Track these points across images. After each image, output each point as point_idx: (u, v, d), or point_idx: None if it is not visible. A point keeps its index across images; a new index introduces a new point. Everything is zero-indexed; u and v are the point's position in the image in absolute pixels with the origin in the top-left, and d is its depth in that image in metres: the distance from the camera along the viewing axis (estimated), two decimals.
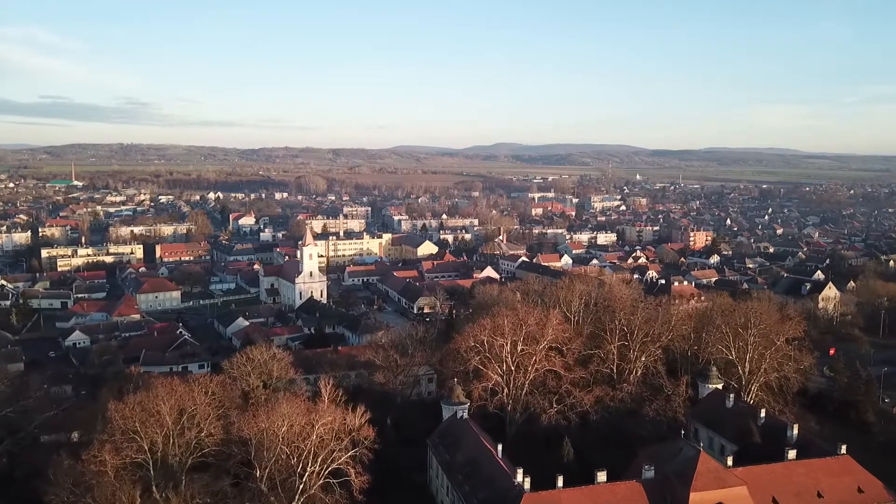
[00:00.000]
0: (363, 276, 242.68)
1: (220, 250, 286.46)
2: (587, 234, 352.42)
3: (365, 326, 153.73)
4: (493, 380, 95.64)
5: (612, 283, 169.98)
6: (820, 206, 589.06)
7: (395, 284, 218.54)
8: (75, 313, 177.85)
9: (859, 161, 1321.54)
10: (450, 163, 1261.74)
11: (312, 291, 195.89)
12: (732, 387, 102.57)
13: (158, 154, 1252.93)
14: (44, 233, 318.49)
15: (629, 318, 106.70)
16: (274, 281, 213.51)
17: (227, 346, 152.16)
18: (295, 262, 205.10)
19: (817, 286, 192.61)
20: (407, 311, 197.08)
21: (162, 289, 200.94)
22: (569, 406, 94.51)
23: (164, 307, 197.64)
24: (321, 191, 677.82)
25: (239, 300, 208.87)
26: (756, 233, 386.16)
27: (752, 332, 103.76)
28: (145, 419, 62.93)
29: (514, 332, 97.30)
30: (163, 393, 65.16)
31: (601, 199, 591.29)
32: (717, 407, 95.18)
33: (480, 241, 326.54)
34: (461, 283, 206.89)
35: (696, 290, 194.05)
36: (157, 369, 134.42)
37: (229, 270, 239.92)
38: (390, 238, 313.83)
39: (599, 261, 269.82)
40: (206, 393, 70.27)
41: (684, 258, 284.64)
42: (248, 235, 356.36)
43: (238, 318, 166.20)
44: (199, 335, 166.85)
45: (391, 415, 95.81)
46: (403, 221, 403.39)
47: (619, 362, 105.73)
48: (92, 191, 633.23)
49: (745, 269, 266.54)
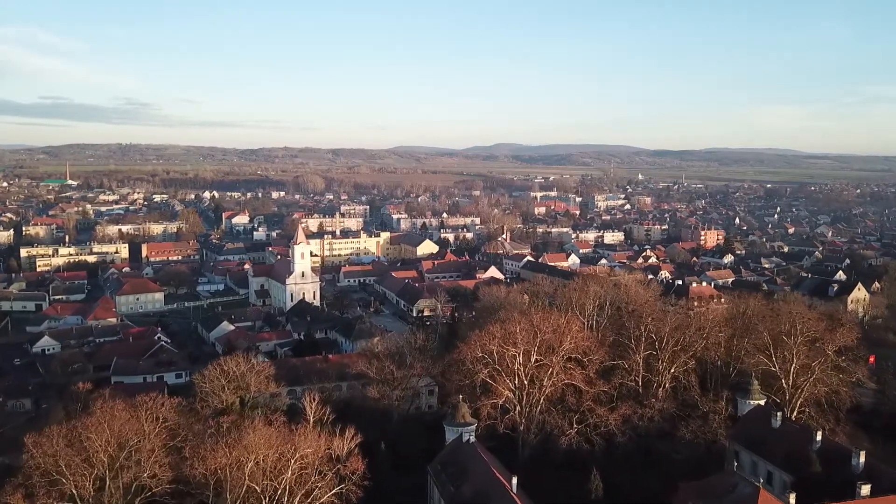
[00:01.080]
0: (359, 276, 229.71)
1: (210, 250, 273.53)
2: (593, 233, 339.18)
3: (360, 331, 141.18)
4: (503, 396, 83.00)
5: (629, 284, 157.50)
6: (828, 205, 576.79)
7: (394, 285, 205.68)
8: (48, 316, 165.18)
9: (861, 161, 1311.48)
10: (449, 163, 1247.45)
11: (304, 293, 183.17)
12: (774, 402, 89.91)
13: (157, 154, 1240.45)
14: (28, 231, 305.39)
15: (658, 325, 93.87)
16: (264, 282, 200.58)
17: (209, 353, 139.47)
18: (286, 262, 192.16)
19: (845, 287, 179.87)
20: (406, 314, 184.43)
21: (143, 290, 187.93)
22: (592, 426, 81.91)
23: (146, 310, 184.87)
24: (319, 190, 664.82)
25: (227, 302, 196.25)
26: (767, 232, 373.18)
27: (797, 340, 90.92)
28: (72, 457, 49.88)
29: (527, 341, 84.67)
30: (96, 422, 51.97)
31: (605, 198, 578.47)
32: (762, 426, 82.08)
33: (483, 240, 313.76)
34: (463, 284, 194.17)
35: (715, 292, 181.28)
36: (129, 379, 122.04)
37: (218, 271, 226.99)
38: (388, 237, 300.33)
39: (608, 260, 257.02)
40: (157, 420, 57.19)
41: (696, 258, 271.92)
42: (242, 235, 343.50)
43: (223, 321, 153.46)
44: (181, 340, 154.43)
45: (386, 436, 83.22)
46: (403, 220, 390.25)
47: (646, 374, 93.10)
48: (86, 190, 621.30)
49: (761, 269, 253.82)
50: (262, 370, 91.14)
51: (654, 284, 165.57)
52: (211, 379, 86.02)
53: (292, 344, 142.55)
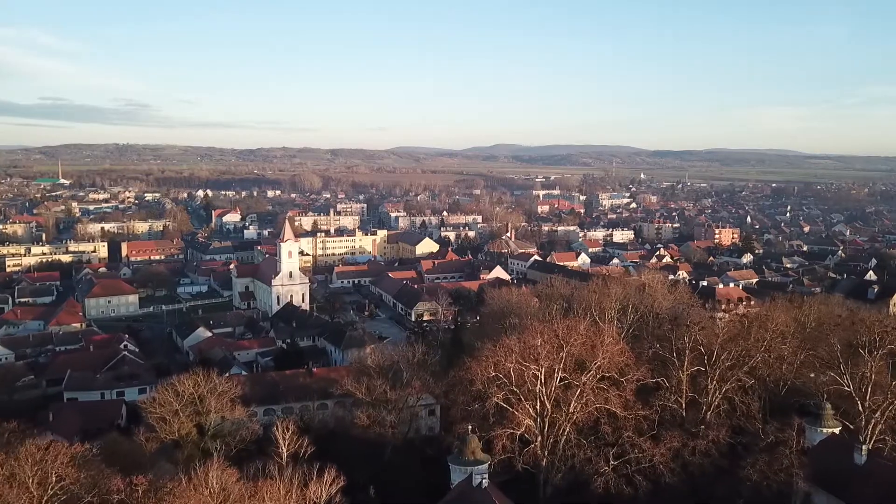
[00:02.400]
0: (354, 277, 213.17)
1: (195, 249, 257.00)
2: (601, 231, 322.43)
3: (351, 339, 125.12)
4: (523, 425, 66.90)
5: (655, 285, 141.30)
6: (838, 203, 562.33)
7: (391, 287, 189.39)
8: (6, 322, 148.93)
9: (862, 162, 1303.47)
10: (449, 163, 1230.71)
11: (292, 295, 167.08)
12: (847, 430, 73.76)
13: (155, 154, 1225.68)
14: (5, 229, 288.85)
15: (707, 335, 77.65)
16: (249, 283, 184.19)
17: (181, 363, 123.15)
18: (273, 261, 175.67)
19: (887, 289, 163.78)
20: (403, 318, 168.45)
21: (116, 292, 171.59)
22: (633, 462, 65.76)
23: (119, 314, 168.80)
24: (316, 189, 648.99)
25: (208, 305, 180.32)
26: (782, 230, 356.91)
27: (878, 355, 74.71)
28: None
29: (551, 356, 68.56)
30: None
31: (609, 197, 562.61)
32: (842, 462, 65.93)
33: (486, 238, 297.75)
34: (467, 286, 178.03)
35: (743, 294, 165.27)
36: (85, 396, 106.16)
37: (202, 271, 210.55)
38: (386, 235, 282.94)
39: (620, 260, 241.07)
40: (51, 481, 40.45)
41: (713, 257, 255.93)
42: (232, 233, 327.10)
43: (199, 327, 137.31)
44: (152, 348, 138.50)
45: (376, 476, 67.12)
46: (401, 219, 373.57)
47: (691, 394, 76.95)
48: (77, 189, 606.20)
49: (783, 268, 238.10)
50: (228, 391, 74.99)
51: (683, 286, 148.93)
52: (161, 403, 69.97)
53: (274, 353, 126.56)
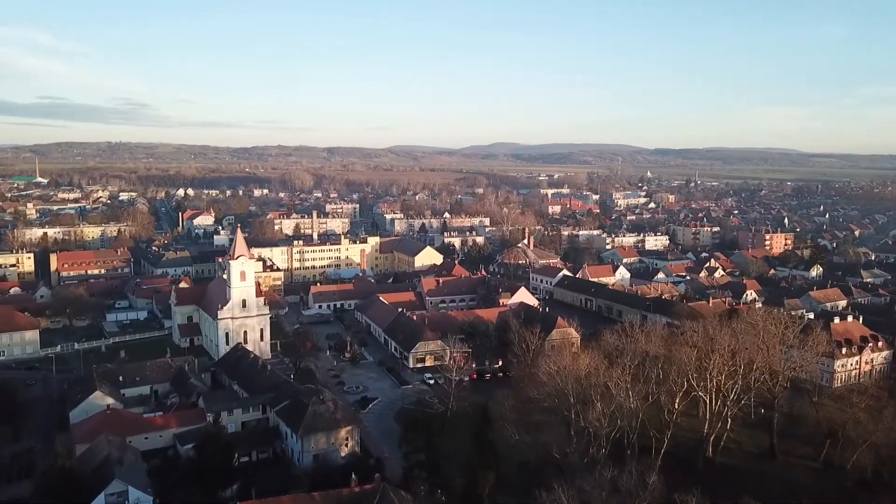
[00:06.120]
0: (335, 300, 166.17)
1: (147, 260, 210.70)
2: (631, 236, 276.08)
3: (314, 420, 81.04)
4: None
5: (762, 325, 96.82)
6: (871, 203, 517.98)
7: (382, 316, 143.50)
8: None
9: (866, 160, 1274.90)
10: (448, 162, 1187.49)
11: (246, 331, 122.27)
12: None
13: (148, 152, 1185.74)
14: None
15: None
16: (193, 312, 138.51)
17: (57, 452, 78.50)
18: (222, 284, 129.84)
19: None
20: (398, 364, 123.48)
21: (8, 327, 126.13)
22: None
23: (10, 356, 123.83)
24: (307, 187, 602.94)
25: (139, 343, 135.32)
26: (836, 234, 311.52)
27: None
28: None
29: None
30: None
31: (624, 196, 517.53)
32: None
33: (497, 245, 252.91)
34: (483, 316, 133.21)
35: (866, 331, 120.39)
36: None
37: (142, 292, 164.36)
38: (378, 243, 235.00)
39: (665, 274, 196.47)
40: None
41: (773, 269, 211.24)
42: (201, 239, 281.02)
43: (96, 391, 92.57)
44: (25, 419, 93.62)
45: None
46: (398, 221, 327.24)
47: None
48: (53, 188, 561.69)
49: (864, 283, 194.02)
50: None
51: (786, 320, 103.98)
52: None
53: (201, 436, 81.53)
